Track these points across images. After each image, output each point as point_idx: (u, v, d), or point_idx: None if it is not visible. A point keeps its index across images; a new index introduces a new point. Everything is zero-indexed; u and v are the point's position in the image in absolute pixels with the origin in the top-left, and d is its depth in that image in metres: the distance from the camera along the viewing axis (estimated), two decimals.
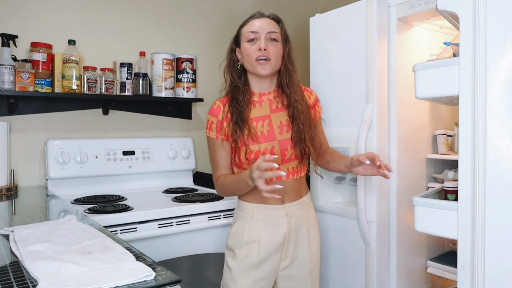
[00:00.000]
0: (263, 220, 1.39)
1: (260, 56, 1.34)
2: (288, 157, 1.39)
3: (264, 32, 1.36)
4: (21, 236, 1.09)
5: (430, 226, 1.26)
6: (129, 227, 1.68)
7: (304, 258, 1.43)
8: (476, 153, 1.06)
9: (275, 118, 1.41)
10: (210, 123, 1.41)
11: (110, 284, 0.78)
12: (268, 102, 1.42)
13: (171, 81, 2.37)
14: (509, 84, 1.01)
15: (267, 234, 1.38)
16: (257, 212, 1.39)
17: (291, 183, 1.41)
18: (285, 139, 1.39)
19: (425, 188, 1.93)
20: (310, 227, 1.46)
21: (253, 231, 1.38)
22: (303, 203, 1.46)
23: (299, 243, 1.43)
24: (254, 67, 1.36)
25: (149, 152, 2.33)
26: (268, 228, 1.38)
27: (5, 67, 1.89)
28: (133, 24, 2.42)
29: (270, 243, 1.38)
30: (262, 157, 1.18)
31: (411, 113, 1.85)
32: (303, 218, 1.44)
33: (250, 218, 1.40)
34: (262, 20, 1.39)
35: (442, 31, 1.94)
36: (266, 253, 1.38)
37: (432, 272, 1.89)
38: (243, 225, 1.40)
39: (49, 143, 2.07)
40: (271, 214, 1.39)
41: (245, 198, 1.42)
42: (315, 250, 1.47)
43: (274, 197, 1.20)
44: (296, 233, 1.42)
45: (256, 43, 1.36)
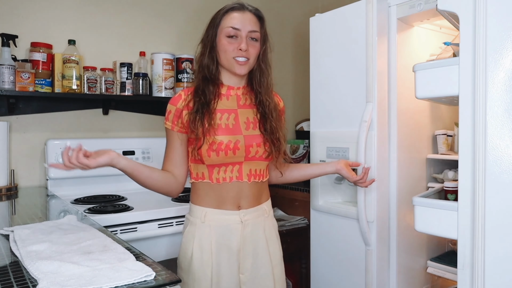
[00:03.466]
0: (215, 227, 1.27)
1: (239, 56, 1.26)
2: (252, 155, 1.28)
3: (246, 30, 1.26)
4: (21, 236, 1.09)
5: (430, 226, 1.26)
6: (129, 227, 1.68)
7: (266, 273, 1.32)
8: (476, 153, 1.06)
9: (242, 113, 1.31)
10: (168, 112, 1.29)
11: (110, 284, 0.78)
12: (236, 97, 1.33)
13: (171, 81, 2.37)
14: (509, 84, 1.01)
15: (219, 243, 1.26)
16: (210, 217, 1.27)
17: (251, 187, 1.30)
18: (251, 135, 1.29)
19: (425, 188, 1.93)
20: (269, 238, 1.34)
21: (204, 238, 1.26)
22: (262, 211, 1.34)
23: (259, 256, 1.31)
24: (231, 65, 1.27)
25: (149, 152, 2.33)
26: (220, 236, 1.26)
27: (5, 67, 1.89)
28: (133, 24, 2.42)
29: (223, 253, 1.26)
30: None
31: (411, 113, 1.85)
32: (261, 227, 1.32)
33: (201, 223, 1.27)
34: (244, 16, 1.27)
35: (442, 31, 1.94)
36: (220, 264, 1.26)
37: (432, 272, 1.88)
38: (193, 232, 1.28)
39: (49, 143, 2.07)
40: (224, 220, 1.27)
41: (198, 202, 1.30)
42: (277, 262, 1.36)
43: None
44: (254, 244, 1.30)
45: (236, 41, 1.26)
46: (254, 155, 1.29)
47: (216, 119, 1.26)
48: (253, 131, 1.30)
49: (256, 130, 1.31)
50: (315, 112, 2.03)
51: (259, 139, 1.30)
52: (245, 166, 1.28)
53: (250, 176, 1.30)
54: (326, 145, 1.95)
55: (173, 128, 1.28)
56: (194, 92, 1.29)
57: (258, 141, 1.29)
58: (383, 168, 1.77)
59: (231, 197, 1.28)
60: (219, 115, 1.28)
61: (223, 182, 1.27)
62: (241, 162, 1.27)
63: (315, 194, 2.02)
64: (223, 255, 1.26)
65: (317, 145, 2.00)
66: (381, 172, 1.76)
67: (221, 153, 1.24)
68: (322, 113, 1.99)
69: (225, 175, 1.27)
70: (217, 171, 1.26)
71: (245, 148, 1.27)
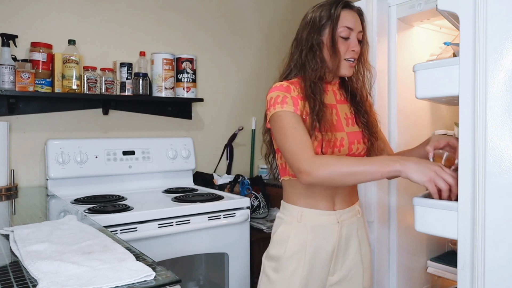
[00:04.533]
0: (311, 227, 1.23)
1: (351, 57, 1.24)
2: (353, 152, 1.26)
3: (357, 30, 1.24)
4: (21, 236, 1.09)
5: (430, 226, 1.26)
6: (129, 227, 1.68)
7: (356, 274, 1.28)
8: (476, 153, 1.06)
9: (341, 109, 1.30)
10: (282, 98, 1.18)
11: (110, 284, 0.78)
12: (332, 93, 1.31)
13: (171, 81, 2.37)
14: (509, 84, 1.01)
15: (315, 243, 1.22)
16: (306, 217, 1.23)
17: (347, 187, 1.27)
18: (352, 132, 1.27)
19: (425, 188, 1.93)
20: (362, 239, 1.32)
21: (299, 238, 1.22)
22: (355, 211, 1.32)
23: (351, 256, 1.28)
24: (342, 65, 1.24)
25: (149, 152, 2.33)
26: (316, 237, 1.22)
27: (5, 67, 1.89)
28: (133, 24, 2.42)
29: (318, 254, 1.22)
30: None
31: (411, 113, 1.85)
32: (355, 228, 1.29)
33: (298, 223, 1.23)
34: (355, 15, 1.25)
35: (442, 31, 1.94)
36: (313, 265, 1.22)
37: (432, 272, 1.88)
38: (288, 231, 1.24)
39: (49, 143, 2.07)
40: (321, 220, 1.24)
41: (293, 201, 1.26)
42: (368, 265, 1.32)
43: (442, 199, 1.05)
44: (347, 244, 1.27)
45: (349, 42, 1.23)
46: (355, 152, 1.27)
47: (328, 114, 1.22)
48: (352, 128, 1.28)
49: (355, 126, 1.29)
50: None
51: (359, 136, 1.28)
52: None
53: None
54: None
55: (296, 111, 1.17)
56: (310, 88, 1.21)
57: (358, 138, 1.28)
58: None
59: (327, 196, 1.24)
60: (329, 110, 1.25)
61: None
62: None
63: None
64: (318, 256, 1.23)
65: None
66: None
67: (329, 150, 1.20)
68: None
69: None
70: None
71: (349, 145, 1.25)
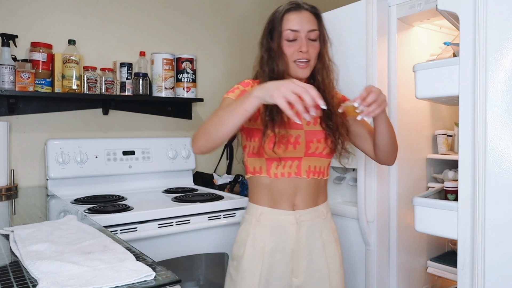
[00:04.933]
0: (270, 226, 1.25)
1: (300, 59, 1.23)
2: (312, 150, 1.26)
3: (305, 31, 1.23)
4: (21, 236, 1.09)
5: (430, 226, 1.26)
6: (129, 227, 1.68)
7: (322, 278, 1.28)
8: (476, 153, 1.06)
9: None
10: (234, 88, 1.26)
11: (110, 284, 0.78)
12: None
13: (171, 81, 2.37)
14: (509, 84, 1.01)
15: (273, 243, 1.24)
16: (265, 216, 1.26)
17: (309, 185, 1.28)
18: (312, 131, 1.26)
19: (425, 188, 1.94)
20: (327, 241, 1.30)
21: (258, 237, 1.25)
22: (319, 212, 1.31)
23: (314, 259, 1.27)
24: (292, 69, 1.25)
25: (149, 152, 2.33)
26: (274, 236, 1.24)
27: (5, 67, 1.89)
28: (133, 24, 2.42)
29: (276, 254, 1.24)
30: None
31: (411, 113, 1.85)
32: (317, 230, 1.29)
33: (257, 222, 1.26)
34: (302, 16, 1.24)
35: (442, 31, 1.94)
36: (272, 265, 1.24)
37: (432, 272, 1.89)
38: (248, 230, 1.27)
39: (49, 143, 2.07)
40: (279, 220, 1.25)
41: (254, 200, 1.30)
42: (336, 268, 1.31)
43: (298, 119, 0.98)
44: (309, 246, 1.26)
45: (296, 44, 1.23)
46: (314, 151, 1.26)
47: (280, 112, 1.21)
48: (314, 127, 1.28)
49: (317, 126, 1.28)
50: None
51: (320, 135, 1.27)
52: (304, 162, 1.26)
53: (309, 173, 1.27)
54: None
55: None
56: None
57: (318, 137, 1.27)
58: (383, 168, 1.77)
59: (287, 195, 1.26)
60: None
61: (281, 178, 1.24)
62: (300, 157, 1.25)
63: None
64: (276, 256, 1.24)
65: None
66: (381, 172, 1.76)
67: (282, 147, 1.21)
68: None
69: (284, 170, 1.24)
70: (275, 166, 1.24)
71: (306, 144, 1.25)
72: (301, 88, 0.97)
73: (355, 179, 1.94)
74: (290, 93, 0.96)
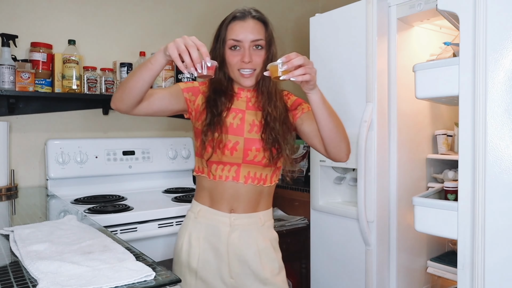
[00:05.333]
0: (205, 225, 1.27)
1: (243, 68, 1.22)
2: (250, 158, 1.24)
3: (248, 40, 1.22)
4: (21, 236, 1.09)
5: (430, 226, 1.26)
6: (129, 227, 1.68)
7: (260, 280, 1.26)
8: (476, 153, 1.06)
9: (249, 114, 1.28)
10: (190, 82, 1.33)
11: (110, 284, 0.78)
12: (246, 99, 1.30)
13: (171, 81, 2.37)
14: (509, 84, 1.01)
15: (208, 241, 1.26)
16: (202, 214, 1.28)
17: (248, 191, 1.26)
18: (252, 139, 1.25)
19: (425, 188, 1.93)
20: (262, 249, 1.27)
21: (194, 234, 1.28)
22: (256, 219, 1.28)
23: (248, 266, 1.25)
24: (237, 78, 1.25)
25: (149, 152, 2.33)
26: (209, 235, 1.26)
27: (5, 67, 1.89)
28: (133, 24, 2.42)
29: (211, 252, 1.26)
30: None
31: (411, 113, 1.85)
32: (252, 236, 1.26)
33: (194, 219, 1.29)
34: (246, 25, 1.23)
35: (442, 31, 1.94)
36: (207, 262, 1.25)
37: (432, 272, 1.88)
38: (186, 225, 1.31)
39: (49, 143, 2.07)
40: (214, 220, 1.27)
41: (197, 198, 1.32)
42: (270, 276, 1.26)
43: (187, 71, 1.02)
44: (243, 251, 1.25)
45: (239, 52, 1.22)
46: (252, 159, 1.25)
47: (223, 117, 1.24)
48: (255, 134, 1.26)
49: (258, 134, 1.26)
50: None
51: (258, 144, 1.25)
52: (243, 168, 1.26)
53: (248, 178, 1.26)
54: None
55: (184, 90, 1.29)
56: (206, 102, 1.27)
57: (257, 146, 1.25)
58: (383, 168, 1.77)
59: (226, 198, 1.27)
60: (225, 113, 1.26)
61: (219, 180, 1.26)
62: (239, 163, 1.25)
63: (315, 194, 2.02)
64: (210, 253, 1.26)
65: None
66: (381, 172, 1.76)
67: (218, 151, 1.23)
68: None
69: (222, 174, 1.25)
70: (215, 168, 1.26)
71: (243, 151, 1.24)
72: (192, 43, 1.02)
73: (355, 179, 1.94)
74: (182, 45, 1.02)
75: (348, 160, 1.28)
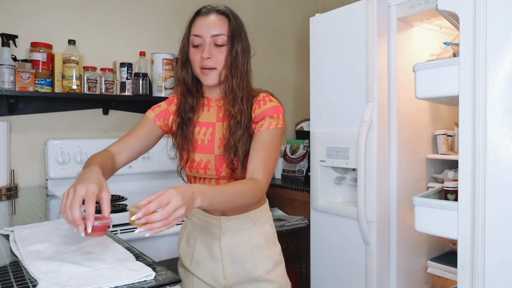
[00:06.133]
0: (199, 226, 1.27)
1: (204, 66, 1.15)
2: (223, 175, 1.20)
3: (208, 36, 1.14)
4: (21, 236, 1.09)
5: (430, 226, 1.26)
6: (129, 227, 1.68)
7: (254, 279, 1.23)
8: (476, 153, 1.06)
9: (219, 128, 1.21)
10: (157, 106, 1.30)
11: (110, 284, 0.78)
12: (216, 109, 1.23)
13: (171, 81, 2.37)
14: (509, 84, 1.01)
15: (202, 241, 1.26)
16: (196, 216, 1.28)
17: None
18: (222, 155, 1.18)
19: (425, 188, 1.93)
20: (255, 247, 1.23)
21: (191, 231, 1.29)
22: (247, 219, 1.23)
23: (242, 265, 1.23)
24: (200, 76, 1.18)
25: (149, 152, 2.33)
26: (203, 235, 1.26)
27: (5, 67, 1.89)
28: (133, 24, 2.42)
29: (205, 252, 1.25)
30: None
31: (411, 113, 1.85)
32: (244, 236, 1.23)
33: (191, 218, 1.30)
34: (207, 20, 1.16)
35: (442, 31, 1.94)
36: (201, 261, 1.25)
37: (432, 272, 1.89)
38: (186, 224, 1.33)
39: (49, 143, 2.07)
40: (206, 221, 1.25)
41: None
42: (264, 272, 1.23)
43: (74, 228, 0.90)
44: (236, 251, 1.23)
45: (200, 50, 1.16)
46: (225, 175, 1.20)
47: (195, 134, 1.22)
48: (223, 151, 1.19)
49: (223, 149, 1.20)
50: (315, 112, 2.03)
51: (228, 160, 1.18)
52: (222, 181, 1.22)
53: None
54: (326, 145, 1.95)
55: (155, 120, 1.28)
56: (177, 109, 1.26)
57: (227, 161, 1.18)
58: (383, 168, 1.77)
59: None
60: (197, 129, 1.23)
61: None
62: (216, 178, 1.23)
63: (315, 194, 2.02)
64: (204, 254, 1.27)
65: (317, 145, 2.00)
66: (381, 172, 1.76)
67: (193, 171, 1.23)
68: (322, 113, 1.99)
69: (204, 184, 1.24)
70: (197, 181, 1.26)
71: (215, 169, 1.20)
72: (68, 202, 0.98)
73: (355, 179, 1.94)
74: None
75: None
